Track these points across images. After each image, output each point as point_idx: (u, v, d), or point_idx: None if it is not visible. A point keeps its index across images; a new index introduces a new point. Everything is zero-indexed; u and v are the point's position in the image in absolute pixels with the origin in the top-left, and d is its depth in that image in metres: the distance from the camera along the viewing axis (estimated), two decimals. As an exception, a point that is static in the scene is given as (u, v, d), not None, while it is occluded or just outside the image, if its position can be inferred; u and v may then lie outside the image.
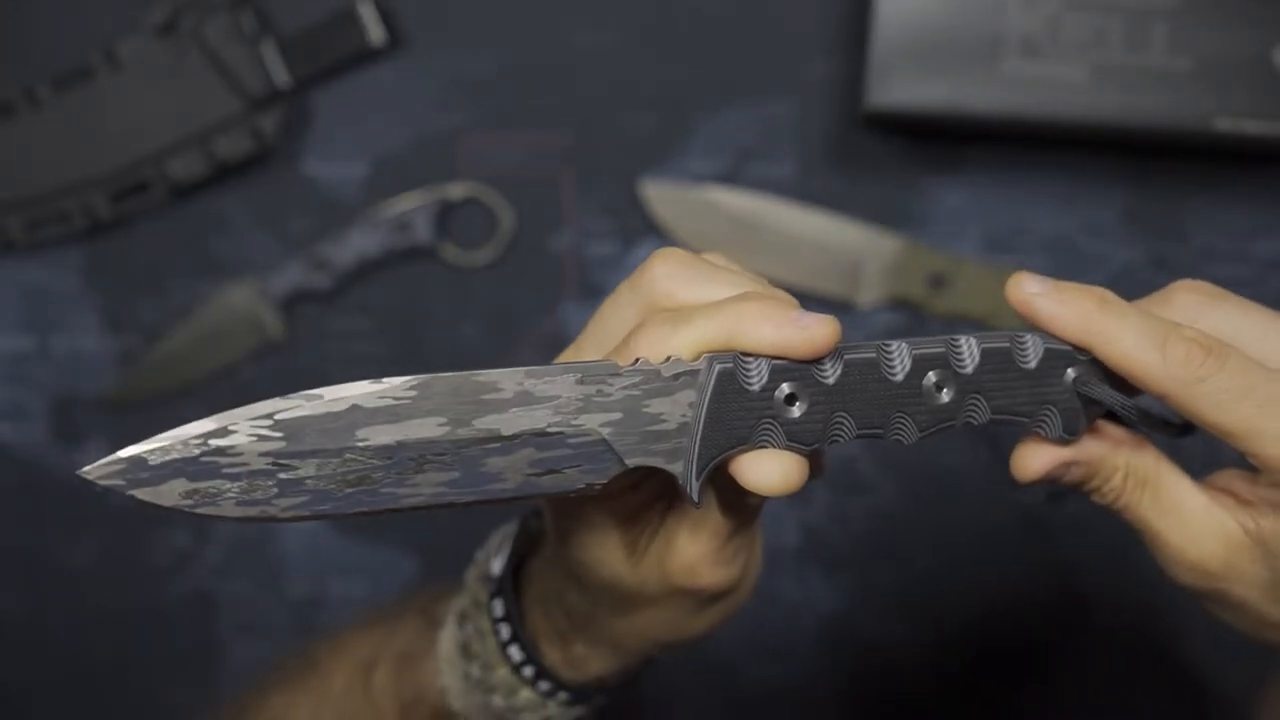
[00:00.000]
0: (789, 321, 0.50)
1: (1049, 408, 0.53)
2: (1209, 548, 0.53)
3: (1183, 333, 0.51)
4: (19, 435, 0.93)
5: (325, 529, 0.93)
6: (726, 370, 0.50)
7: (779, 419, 0.50)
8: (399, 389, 0.48)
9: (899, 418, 0.51)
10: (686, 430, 0.50)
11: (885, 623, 0.93)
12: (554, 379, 0.49)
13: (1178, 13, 0.84)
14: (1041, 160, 0.90)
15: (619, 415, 0.49)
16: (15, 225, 0.91)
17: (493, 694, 0.62)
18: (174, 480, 0.47)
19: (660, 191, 0.91)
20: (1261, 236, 0.90)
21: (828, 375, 0.51)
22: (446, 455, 0.49)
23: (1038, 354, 0.52)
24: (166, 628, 0.94)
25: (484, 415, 0.49)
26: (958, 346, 0.52)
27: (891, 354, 0.51)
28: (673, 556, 0.55)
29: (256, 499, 0.48)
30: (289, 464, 0.48)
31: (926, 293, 0.90)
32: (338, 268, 0.91)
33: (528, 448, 0.49)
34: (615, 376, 0.49)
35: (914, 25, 0.84)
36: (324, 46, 0.90)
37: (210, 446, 0.47)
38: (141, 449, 0.47)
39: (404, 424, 0.48)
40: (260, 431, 0.47)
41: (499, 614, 0.62)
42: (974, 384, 0.52)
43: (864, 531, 0.92)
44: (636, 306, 0.52)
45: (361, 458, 0.48)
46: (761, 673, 0.93)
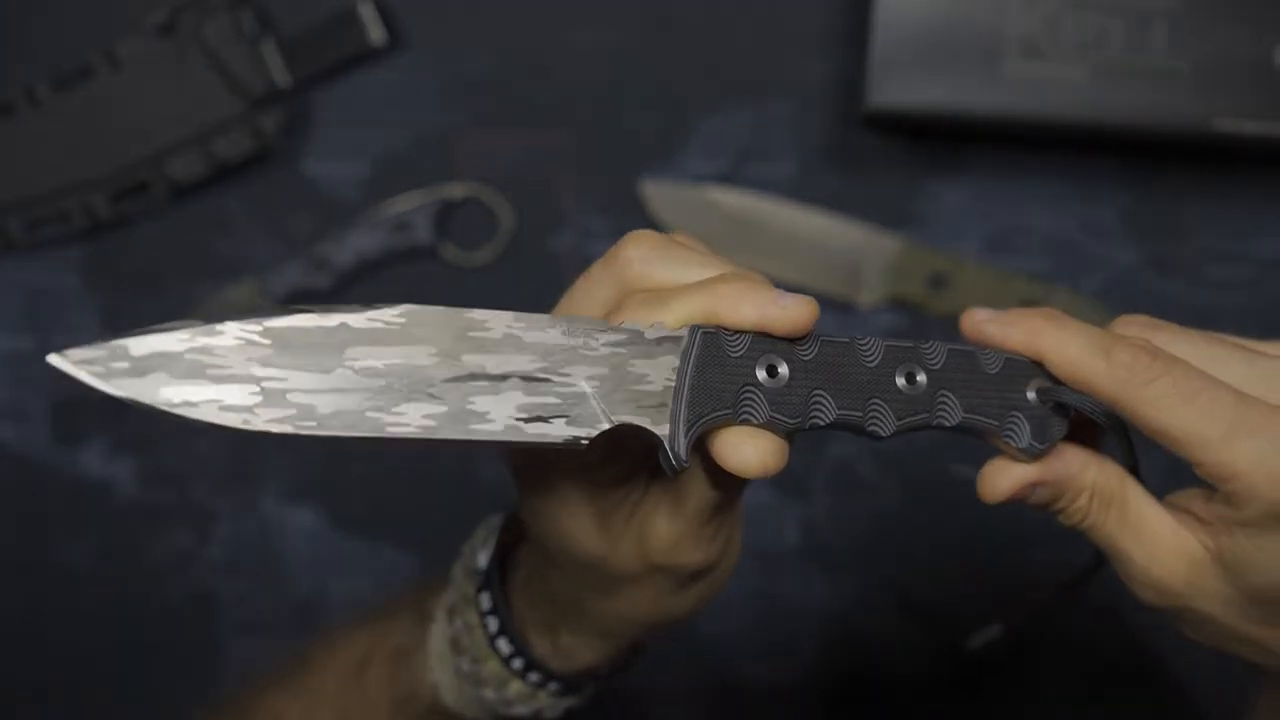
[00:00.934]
0: (769, 300, 0.51)
1: (1016, 415, 0.53)
2: (1172, 566, 0.54)
3: (1127, 339, 0.52)
4: (19, 435, 0.93)
5: (325, 529, 0.93)
6: (710, 334, 0.51)
7: (760, 387, 0.51)
8: (390, 315, 0.48)
9: (875, 404, 0.52)
10: (670, 394, 0.50)
11: (885, 623, 0.93)
12: (542, 328, 0.50)
13: (1178, 13, 0.84)
14: (1041, 160, 0.90)
15: (605, 370, 0.50)
16: (15, 225, 0.91)
17: (483, 687, 0.63)
18: (155, 374, 0.46)
19: (660, 191, 0.91)
20: (1261, 236, 0.90)
21: (806, 353, 0.52)
22: (434, 387, 0.48)
23: (999, 362, 0.53)
24: (166, 628, 0.94)
25: (472, 352, 0.49)
26: (925, 347, 0.53)
27: (865, 343, 0.52)
28: (652, 534, 0.55)
29: (237, 406, 0.46)
30: (274, 373, 0.47)
31: (926, 293, 0.90)
32: (338, 268, 0.91)
33: (515, 390, 0.49)
34: (600, 332, 0.50)
35: (914, 25, 0.84)
36: (324, 46, 0.90)
37: (196, 344, 0.46)
38: (125, 339, 0.46)
39: (394, 348, 0.48)
40: (248, 336, 0.47)
41: (486, 607, 0.62)
42: (943, 380, 0.53)
43: (864, 531, 0.92)
44: (611, 288, 0.53)
45: (349, 377, 0.47)
46: (762, 672, 0.93)
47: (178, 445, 0.93)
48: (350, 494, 0.93)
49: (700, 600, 0.59)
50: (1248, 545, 0.52)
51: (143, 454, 0.93)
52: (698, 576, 0.58)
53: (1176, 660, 0.92)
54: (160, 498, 0.93)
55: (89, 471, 0.93)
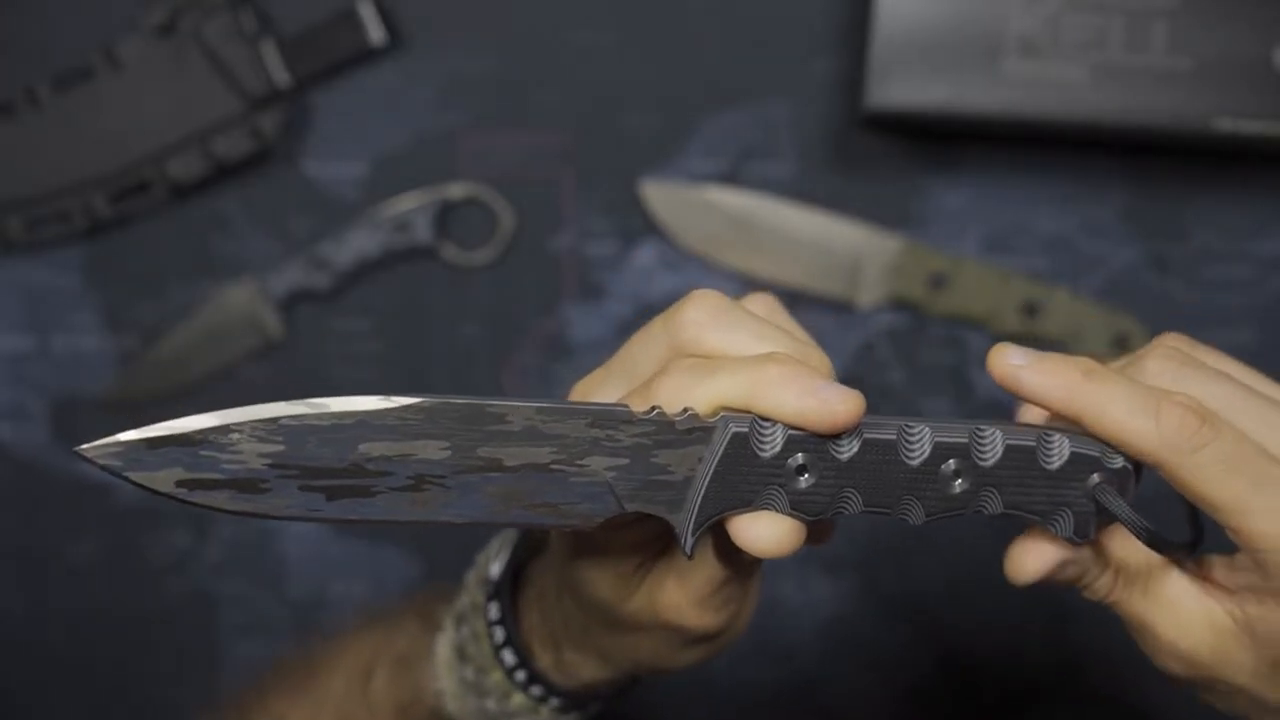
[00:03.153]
0: (812, 392, 0.49)
1: (1064, 509, 0.51)
2: (1199, 636, 0.53)
3: (1175, 398, 0.50)
4: (19, 435, 0.93)
5: (326, 529, 0.93)
6: (741, 434, 0.49)
7: (786, 487, 0.50)
8: (409, 410, 0.48)
9: (908, 500, 0.51)
10: (691, 484, 0.50)
11: (886, 625, 0.93)
12: (565, 419, 0.49)
13: (1178, 13, 0.84)
14: (1041, 160, 0.90)
15: (626, 461, 0.49)
16: (15, 225, 0.91)
17: (486, 698, 0.62)
18: (171, 468, 0.48)
19: (660, 191, 0.91)
20: (1261, 236, 0.90)
21: (844, 451, 0.50)
22: (446, 478, 0.49)
23: (1063, 457, 0.51)
24: (166, 628, 0.94)
25: (489, 444, 0.49)
26: (982, 438, 0.50)
27: (913, 437, 0.50)
28: (662, 595, 0.55)
29: (250, 496, 0.48)
30: (287, 468, 0.48)
31: (926, 293, 0.90)
32: (338, 268, 0.91)
33: (528, 483, 0.49)
34: (628, 424, 0.49)
35: (914, 25, 0.84)
36: (324, 46, 0.90)
37: (211, 441, 0.48)
38: (142, 435, 0.48)
39: (408, 443, 0.48)
40: (261, 433, 0.48)
41: (494, 617, 0.62)
42: (991, 477, 0.51)
43: (864, 533, 0.92)
44: (664, 347, 0.52)
45: (360, 471, 0.48)
46: (762, 674, 0.93)
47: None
48: (350, 494, 0.93)
49: (702, 657, 0.59)
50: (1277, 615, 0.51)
51: (143, 454, 0.93)
52: (704, 639, 0.57)
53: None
54: (160, 498, 0.93)
55: (89, 471, 0.93)
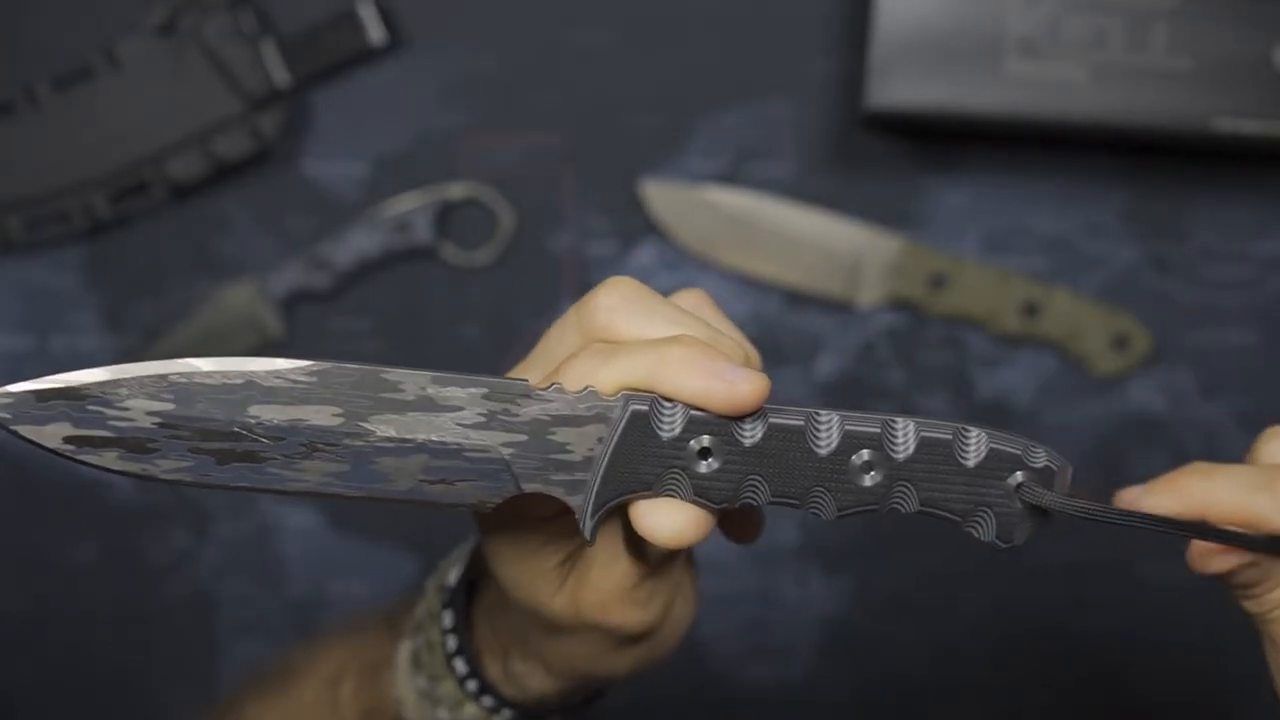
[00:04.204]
0: (715, 373, 0.48)
1: (984, 510, 0.49)
2: None
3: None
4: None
5: (324, 529, 0.93)
6: (640, 412, 0.48)
7: (688, 470, 0.48)
8: (299, 372, 0.48)
9: (818, 492, 0.49)
10: (590, 465, 0.48)
11: (885, 623, 0.93)
12: (461, 390, 0.48)
13: (1178, 13, 0.84)
14: (1041, 160, 0.90)
15: (523, 438, 0.48)
16: (15, 225, 0.91)
17: (439, 706, 0.62)
18: (59, 423, 0.47)
19: (660, 191, 0.91)
20: (1261, 236, 0.90)
21: (748, 435, 0.48)
22: (337, 447, 0.48)
23: (980, 454, 0.49)
24: (166, 628, 0.94)
25: (381, 413, 0.48)
26: (894, 429, 0.49)
27: (820, 425, 0.49)
28: (585, 591, 0.53)
29: (138, 456, 0.47)
30: (175, 427, 0.47)
31: (926, 293, 0.90)
32: (338, 268, 0.91)
33: (422, 454, 0.48)
34: (525, 398, 0.48)
35: (914, 25, 0.84)
36: (324, 46, 0.90)
37: (99, 395, 0.47)
38: (29, 386, 0.47)
39: (298, 408, 0.48)
40: (151, 390, 0.47)
41: (448, 625, 0.61)
42: (905, 471, 0.49)
43: (863, 532, 0.92)
44: (577, 335, 0.51)
45: (250, 434, 0.47)
46: (761, 673, 0.93)
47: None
48: (350, 494, 0.93)
49: (638, 663, 0.57)
50: None
51: (142, 454, 0.93)
52: (634, 640, 0.56)
53: (1178, 661, 0.92)
54: (159, 498, 0.93)
55: (88, 471, 0.92)
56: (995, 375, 0.91)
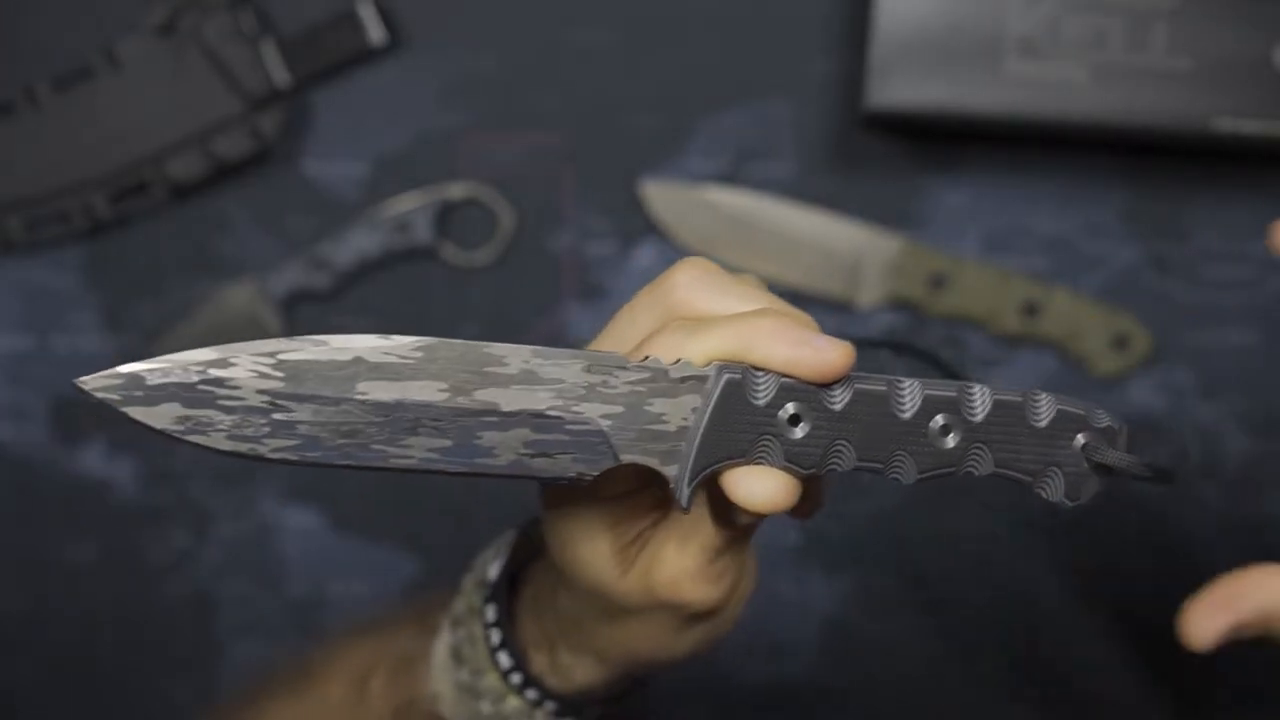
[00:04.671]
0: (804, 341, 0.49)
1: (1054, 469, 0.51)
2: None
3: None
4: (19, 435, 0.93)
5: (325, 529, 0.93)
6: (734, 380, 0.50)
7: (780, 437, 0.50)
8: (406, 348, 0.48)
9: (900, 455, 0.51)
10: (686, 435, 0.50)
11: (885, 623, 0.93)
12: (561, 363, 0.49)
13: (1178, 13, 0.84)
14: (1041, 160, 0.90)
15: (620, 409, 0.49)
16: (15, 225, 0.91)
17: (481, 700, 0.62)
18: (168, 404, 0.47)
19: (660, 191, 0.91)
20: (1261, 236, 0.90)
21: (835, 401, 0.50)
22: (442, 422, 0.48)
23: (1050, 414, 0.51)
24: (166, 628, 0.94)
25: (486, 387, 0.49)
26: (970, 394, 0.51)
27: (903, 391, 0.51)
28: (659, 568, 0.54)
29: (247, 435, 0.47)
30: (285, 405, 0.47)
31: (926, 293, 0.90)
32: (338, 268, 0.91)
33: (524, 427, 0.49)
34: (622, 370, 0.49)
35: (914, 25, 0.84)
36: (324, 46, 0.90)
37: (209, 376, 0.47)
38: (141, 367, 0.47)
39: (405, 384, 0.48)
40: (261, 368, 0.47)
41: (491, 619, 0.61)
42: (981, 433, 0.51)
43: (864, 531, 0.92)
44: (655, 312, 0.52)
45: (358, 411, 0.48)
46: (761, 672, 0.93)
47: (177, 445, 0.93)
48: (350, 494, 0.93)
49: (700, 644, 0.58)
50: None
51: (142, 454, 0.93)
52: (700, 618, 0.57)
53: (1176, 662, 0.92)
54: (159, 498, 0.93)
55: (89, 471, 0.93)
56: (995, 375, 0.91)
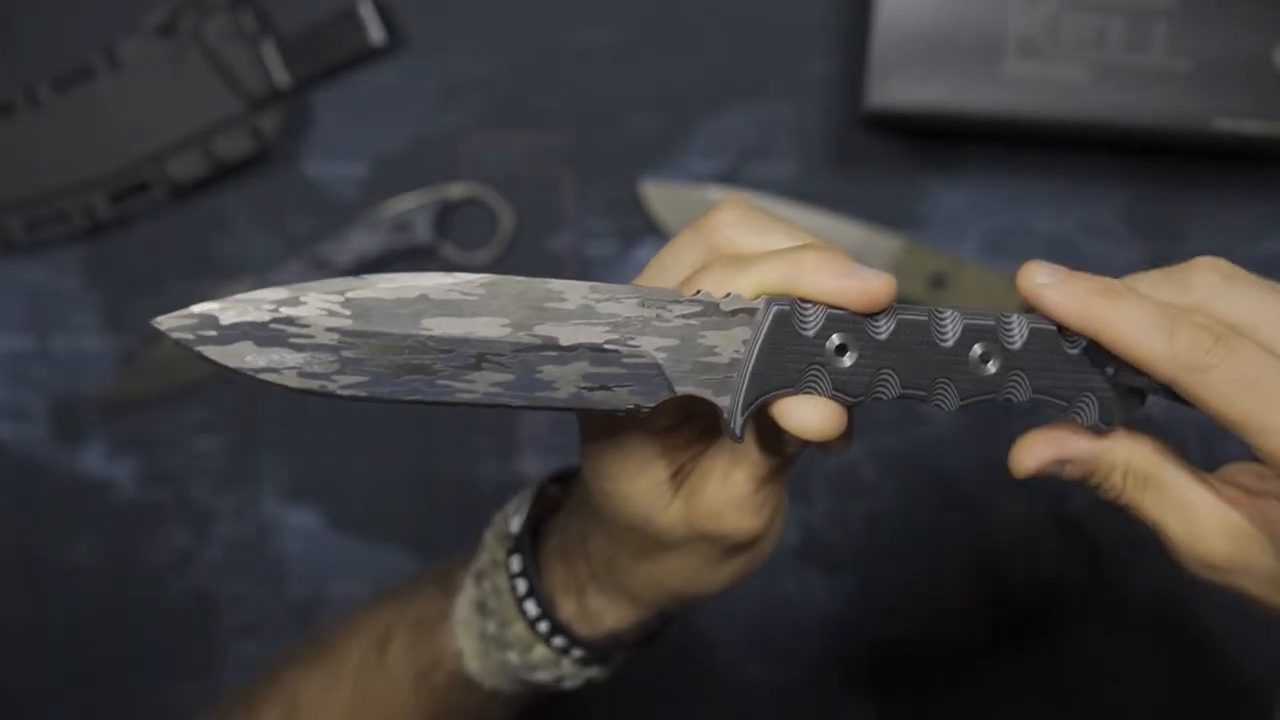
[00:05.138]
0: (849, 273, 0.51)
1: (1088, 394, 0.53)
2: (1214, 543, 0.53)
3: (1191, 318, 0.51)
4: (19, 435, 0.93)
5: (325, 529, 0.93)
6: (783, 312, 0.51)
7: (828, 367, 0.52)
8: (470, 285, 0.50)
9: (943, 383, 0.52)
10: (737, 366, 0.51)
11: (885, 623, 0.93)
12: (617, 297, 0.50)
13: (1178, 13, 0.84)
14: (1041, 160, 0.90)
15: (675, 342, 0.51)
16: (15, 225, 0.91)
17: (508, 650, 0.63)
18: (241, 342, 0.48)
19: (660, 191, 0.91)
20: (1261, 236, 0.90)
21: (880, 331, 0.52)
22: (505, 356, 0.50)
23: (1083, 342, 0.53)
24: (166, 628, 0.94)
25: (545, 322, 0.50)
26: (1008, 322, 0.53)
27: (944, 319, 0.52)
28: (702, 498, 0.56)
29: (317, 373, 0.49)
30: (353, 342, 0.49)
31: (927, 293, 0.90)
32: (338, 268, 0.91)
33: (583, 360, 0.50)
34: (675, 303, 0.51)
35: (914, 25, 0.84)
36: (324, 46, 0.90)
37: (281, 314, 0.48)
38: (215, 306, 0.48)
39: (469, 319, 0.50)
40: (330, 306, 0.49)
41: (516, 569, 0.63)
42: (1019, 360, 0.53)
43: (864, 531, 0.92)
44: (699, 251, 0.54)
45: (423, 346, 0.49)
46: (761, 673, 0.93)
47: (177, 445, 0.93)
48: (350, 494, 0.93)
49: (737, 575, 0.60)
50: None
51: (142, 454, 0.93)
52: (739, 549, 0.58)
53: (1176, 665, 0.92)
54: (160, 498, 0.93)
55: (89, 471, 0.93)
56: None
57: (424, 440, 0.92)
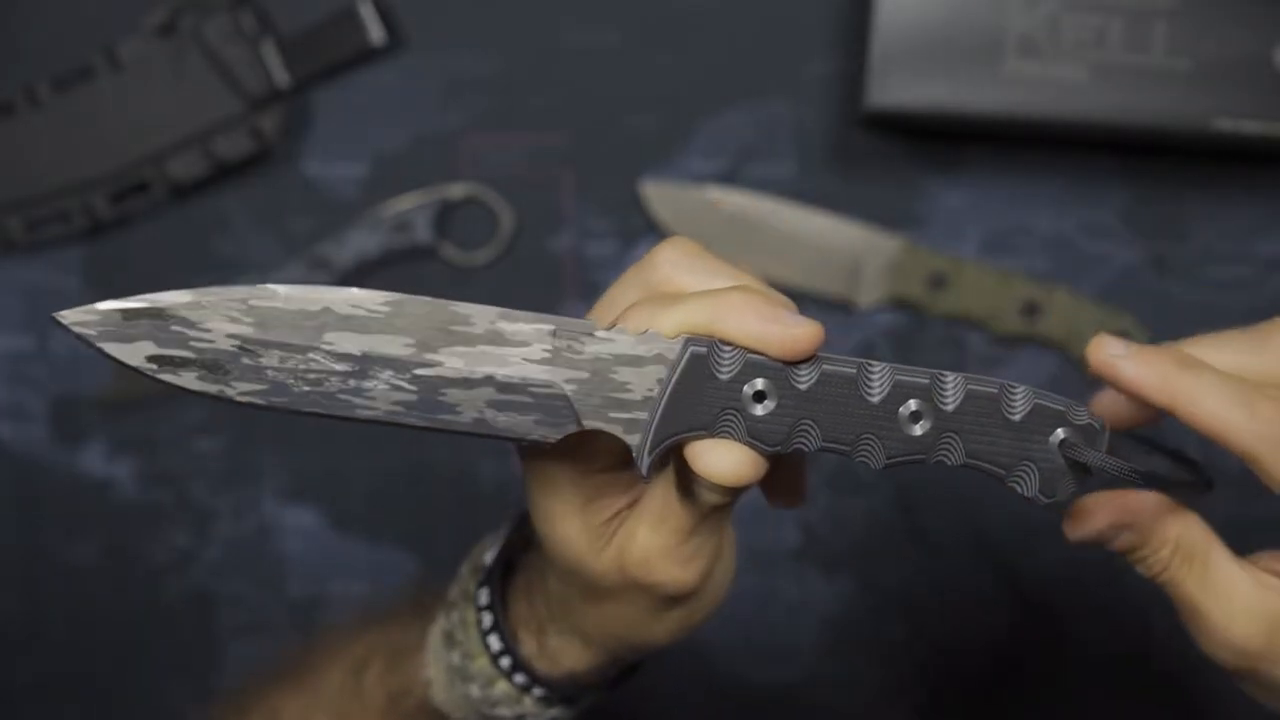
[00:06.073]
0: (773, 318, 0.50)
1: (1027, 464, 0.51)
2: (1253, 627, 0.53)
3: (1269, 392, 0.51)
4: (19, 435, 0.93)
5: (325, 529, 0.93)
6: (699, 353, 0.50)
7: (743, 413, 0.50)
8: (374, 302, 0.49)
9: (868, 439, 0.51)
10: (649, 404, 0.50)
11: (885, 623, 0.93)
12: (528, 325, 0.50)
13: (1178, 13, 0.84)
14: (1041, 160, 0.90)
15: (585, 375, 0.50)
16: (15, 225, 0.91)
17: (471, 684, 0.63)
18: (142, 341, 0.49)
19: (660, 191, 0.91)
20: (1261, 236, 0.90)
21: (802, 380, 0.50)
22: (407, 376, 0.49)
23: (1025, 409, 0.51)
24: (166, 628, 0.94)
25: (451, 345, 0.49)
26: (943, 382, 0.51)
27: (873, 374, 0.51)
28: (631, 547, 0.55)
29: (216, 377, 0.49)
30: (253, 350, 0.49)
31: (926, 293, 0.90)
32: (338, 268, 0.91)
33: (488, 387, 0.50)
34: (589, 337, 0.50)
35: (914, 25, 0.84)
36: (324, 46, 0.90)
37: (182, 317, 0.49)
38: (118, 305, 0.49)
39: (372, 337, 0.49)
40: (232, 313, 0.49)
41: (483, 602, 0.62)
42: (953, 423, 0.50)
43: (863, 531, 0.92)
44: (637, 287, 0.53)
45: (324, 360, 0.49)
46: (761, 673, 0.93)
47: (177, 445, 0.93)
48: (349, 494, 0.93)
49: (678, 628, 0.59)
50: None
51: (142, 454, 0.93)
52: (674, 601, 0.57)
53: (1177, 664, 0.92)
54: (160, 498, 0.93)
55: (89, 471, 0.93)
56: (995, 375, 0.91)
57: (423, 440, 0.92)
